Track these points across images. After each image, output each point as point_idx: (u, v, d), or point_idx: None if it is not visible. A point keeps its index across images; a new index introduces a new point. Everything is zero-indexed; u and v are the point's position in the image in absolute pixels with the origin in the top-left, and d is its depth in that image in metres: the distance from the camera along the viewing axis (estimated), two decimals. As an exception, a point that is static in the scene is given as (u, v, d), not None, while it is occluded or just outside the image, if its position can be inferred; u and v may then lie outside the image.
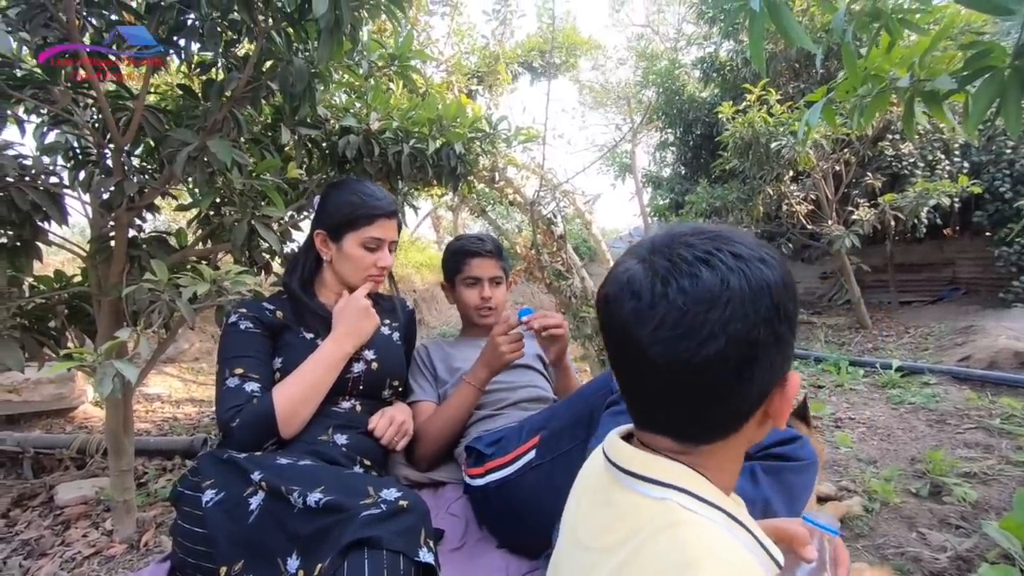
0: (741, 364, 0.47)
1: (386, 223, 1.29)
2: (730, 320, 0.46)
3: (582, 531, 0.55)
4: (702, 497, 0.49)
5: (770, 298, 0.47)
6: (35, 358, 1.67)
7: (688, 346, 0.46)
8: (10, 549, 1.72)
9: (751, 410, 0.50)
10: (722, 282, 0.47)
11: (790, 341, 0.50)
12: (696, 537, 0.45)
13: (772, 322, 0.47)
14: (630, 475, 0.51)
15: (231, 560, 0.83)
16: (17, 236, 1.64)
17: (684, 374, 0.47)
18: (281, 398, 1.06)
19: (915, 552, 1.43)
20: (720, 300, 0.46)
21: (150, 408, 3.45)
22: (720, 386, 0.48)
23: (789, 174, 4.67)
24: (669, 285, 0.48)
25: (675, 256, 0.49)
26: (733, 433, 0.51)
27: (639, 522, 0.48)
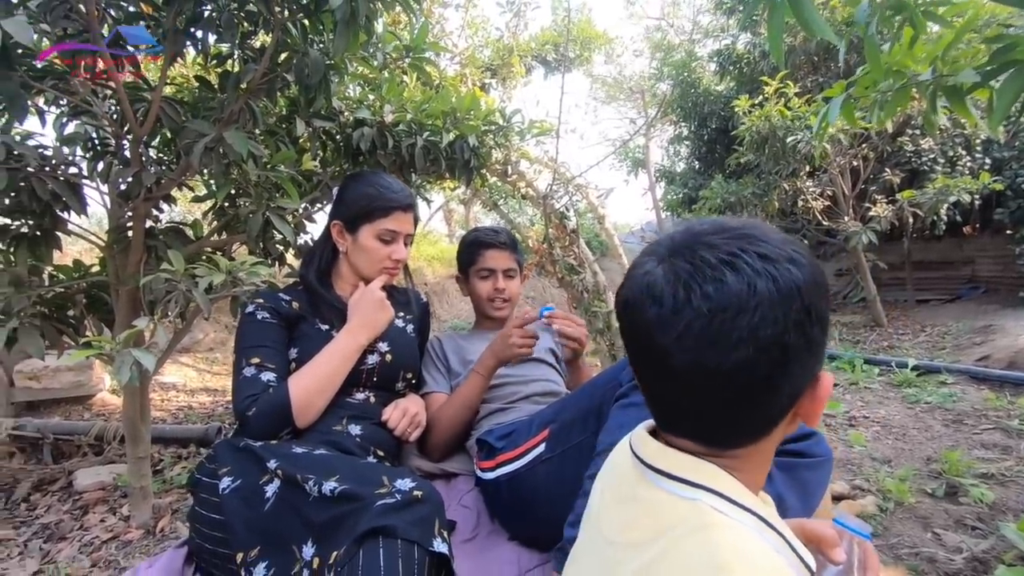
0: (771, 370, 0.45)
1: (402, 216, 1.30)
2: (759, 327, 0.44)
3: (605, 525, 0.54)
4: (732, 499, 0.47)
5: (800, 301, 0.45)
6: (55, 346, 1.70)
7: (715, 354, 0.45)
8: (31, 532, 1.76)
9: (782, 414, 0.49)
10: (749, 287, 0.44)
11: (822, 342, 0.48)
12: (727, 540, 0.44)
13: (803, 325, 0.45)
14: (659, 473, 0.50)
15: (247, 546, 0.85)
16: (38, 225, 1.67)
17: (711, 382, 0.46)
18: (297, 388, 1.07)
19: (930, 552, 1.41)
20: (748, 306, 0.44)
21: (165, 397, 3.50)
22: (749, 393, 0.46)
23: (806, 169, 4.61)
24: (692, 291, 0.46)
25: (697, 258, 0.47)
26: (763, 437, 0.50)
27: (668, 521, 0.47)
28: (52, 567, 1.53)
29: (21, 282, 1.58)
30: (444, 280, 7.14)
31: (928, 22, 1.34)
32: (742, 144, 4.58)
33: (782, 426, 0.50)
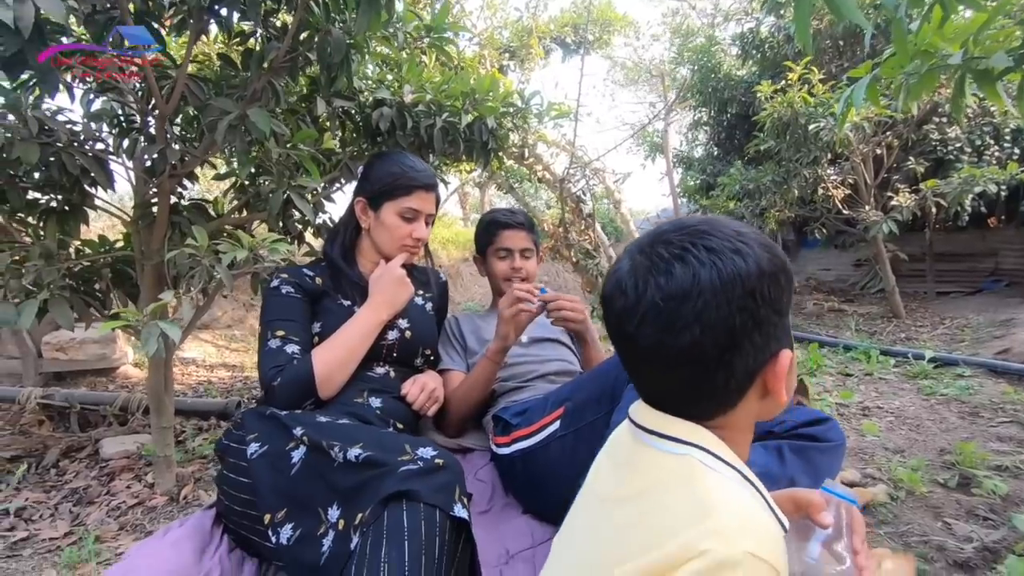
0: (720, 350, 0.51)
1: (424, 195, 1.31)
2: (703, 311, 0.50)
3: (599, 486, 0.59)
4: (719, 455, 0.52)
5: (742, 287, 0.50)
6: (82, 318, 1.75)
7: (669, 337, 0.51)
8: (60, 496, 1.83)
9: (742, 387, 0.53)
10: (694, 276, 0.50)
11: (776, 322, 0.53)
12: (712, 487, 0.49)
13: (749, 309, 0.50)
14: (653, 434, 0.55)
15: (274, 508, 0.88)
16: (66, 200, 1.71)
17: (671, 361, 0.52)
18: (319, 361, 1.10)
19: (940, 541, 1.42)
20: (692, 293, 0.50)
21: (186, 371, 3.58)
22: (705, 370, 0.52)
23: (827, 157, 4.52)
24: (648, 283, 0.52)
25: (654, 254, 0.53)
26: (731, 408, 0.54)
27: (659, 475, 0.52)
28: (82, 529, 1.59)
29: (51, 255, 1.62)
30: (458, 263, 7.16)
31: (959, 5, 1.31)
32: (762, 130, 4.51)
33: (751, 399, 0.55)
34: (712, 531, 0.44)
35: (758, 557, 0.44)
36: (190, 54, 1.56)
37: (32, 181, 1.62)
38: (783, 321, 0.54)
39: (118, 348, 3.04)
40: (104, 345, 2.94)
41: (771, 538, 0.47)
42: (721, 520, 0.45)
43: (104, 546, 1.49)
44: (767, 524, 0.49)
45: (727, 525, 0.45)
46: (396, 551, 0.72)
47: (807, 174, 4.57)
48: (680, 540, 0.45)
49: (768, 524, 0.49)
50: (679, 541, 0.45)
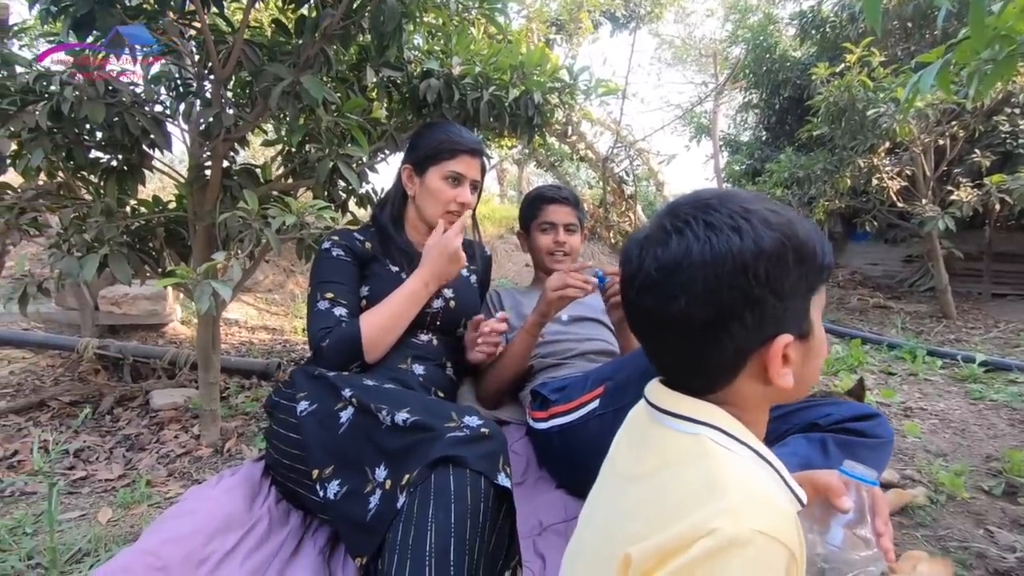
0: (707, 325, 0.52)
1: (469, 160, 1.32)
2: (688, 283, 0.51)
3: (619, 464, 0.60)
4: (732, 434, 0.53)
5: (732, 264, 0.50)
6: (138, 274, 1.83)
7: (659, 304, 0.53)
8: (115, 441, 1.94)
9: (735, 365, 0.54)
10: (686, 250, 0.52)
11: (775, 304, 0.52)
12: (724, 466, 0.49)
13: (740, 287, 0.50)
14: (667, 414, 0.56)
15: (322, 465, 0.92)
16: (126, 160, 1.77)
17: (662, 329, 0.55)
18: (367, 326, 1.13)
19: (980, 548, 1.38)
20: (681, 266, 0.52)
21: (229, 331, 3.71)
22: (694, 342, 0.53)
23: (884, 146, 4.31)
24: (647, 252, 0.55)
25: (659, 226, 0.55)
26: (727, 385, 0.55)
27: (672, 454, 0.53)
28: (134, 473, 1.69)
29: (111, 212, 1.69)
30: (494, 239, 7.17)
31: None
32: (816, 115, 4.32)
33: (750, 379, 0.54)
34: (722, 510, 0.44)
35: (768, 536, 0.43)
36: (247, 19, 1.58)
37: (96, 140, 1.69)
38: (786, 304, 0.52)
39: (167, 305, 3.17)
40: (155, 302, 3.07)
41: (783, 517, 0.47)
42: (731, 499, 0.45)
43: (154, 490, 1.58)
44: (779, 502, 0.48)
45: (737, 504, 0.45)
46: (443, 512, 0.74)
47: (861, 163, 4.37)
48: (691, 519, 0.45)
49: (780, 502, 0.49)
50: (690, 520, 0.45)
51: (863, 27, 5.14)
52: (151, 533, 0.83)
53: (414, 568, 0.70)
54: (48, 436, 1.91)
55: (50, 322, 3.02)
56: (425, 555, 0.71)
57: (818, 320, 0.56)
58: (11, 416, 2.07)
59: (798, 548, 0.46)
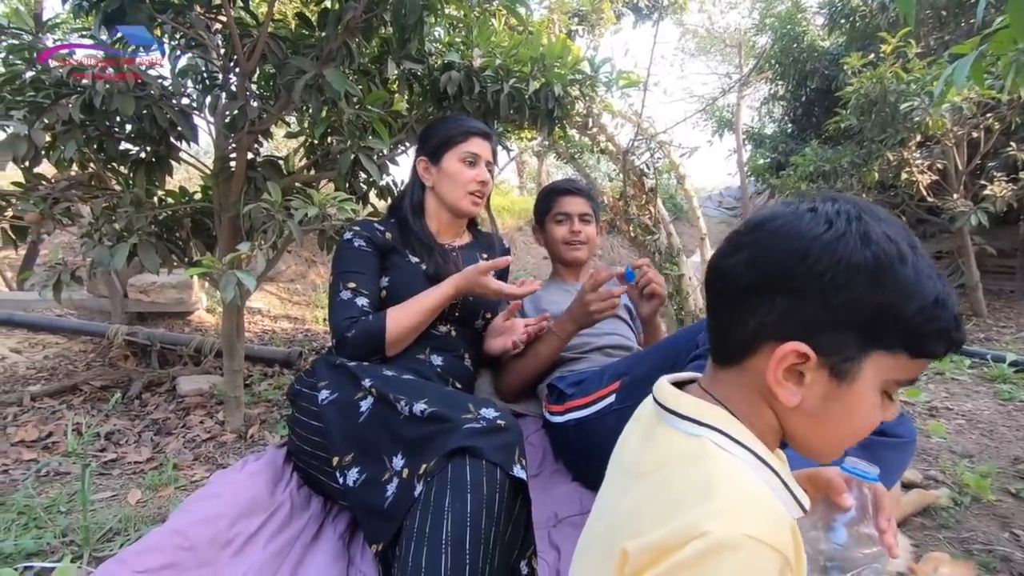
0: (745, 287, 0.51)
1: (481, 142, 1.36)
2: (755, 241, 0.51)
3: (627, 460, 0.60)
4: (734, 437, 0.52)
5: (799, 243, 0.48)
6: (165, 263, 1.88)
7: (725, 251, 0.54)
8: (143, 425, 2.00)
9: (746, 344, 0.52)
10: (780, 215, 0.51)
11: (814, 306, 0.48)
12: (721, 468, 0.49)
13: (790, 267, 0.48)
14: (673, 414, 0.55)
15: (343, 452, 0.94)
16: (155, 152, 1.82)
17: (715, 278, 0.55)
18: (393, 321, 1.15)
19: (1006, 552, 1.35)
20: (763, 224, 0.51)
21: (252, 320, 3.79)
22: (727, 299, 0.53)
23: (915, 139, 4.18)
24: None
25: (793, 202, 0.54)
26: (735, 363, 0.54)
27: (673, 454, 0.53)
28: (162, 456, 1.75)
29: (140, 203, 1.74)
30: (513, 232, 7.17)
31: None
32: (844, 107, 4.21)
33: (751, 368, 0.52)
34: (714, 512, 0.44)
35: (759, 540, 0.43)
36: (272, 12, 1.60)
37: (126, 133, 1.73)
38: (828, 318, 0.48)
39: (193, 294, 3.25)
40: (181, 290, 3.15)
41: (777, 521, 0.46)
42: (724, 501, 0.45)
43: (181, 473, 1.63)
44: (773, 506, 0.48)
45: (729, 506, 0.45)
46: (459, 502, 0.76)
47: (891, 156, 4.25)
48: (685, 519, 0.45)
49: (774, 506, 0.48)
50: (684, 520, 0.45)
51: (894, 16, 4.99)
52: (179, 514, 0.86)
53: (430, 556, 0.72)
54: (80, 419, 1.98)
55: (82, 309, 3.11)
56: (441, 543, 0.72)
57: (874, 383, 0.50)
58: (46, 399, 2.15)
59: (793, 553, 0.45)
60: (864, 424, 0.52)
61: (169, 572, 0.74)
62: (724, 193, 10.93)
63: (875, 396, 0.51)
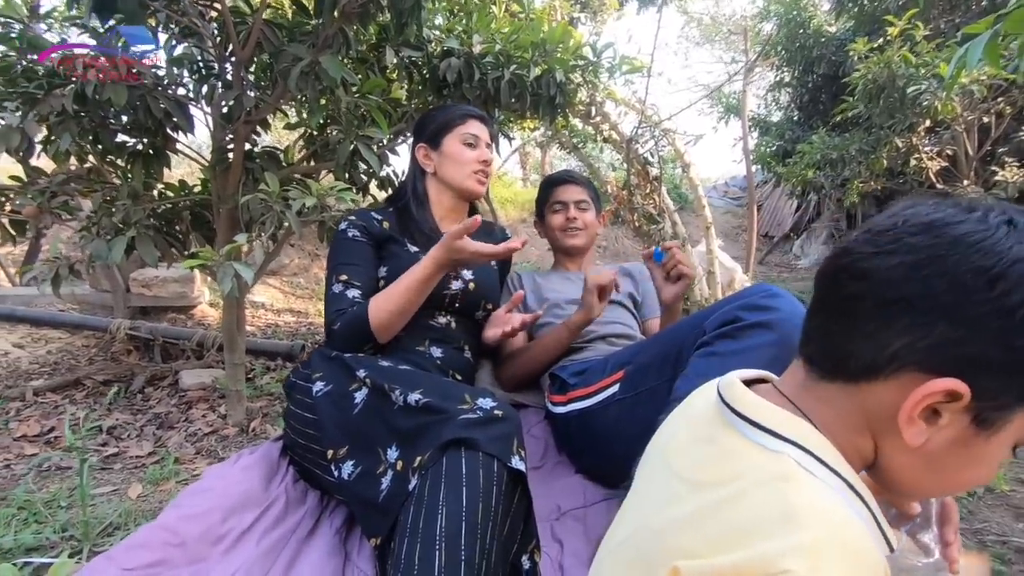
0: (901, 301, 0.41)
1: (479, 125, 1.35)
2: (920, 247, 0.41)
3: (676, 460, 0.52)
4: (821, 459, 0.44)
5: (985, 263, 0.39)
6: (165, 257, 1.86)
7: (868, 250, 0.44)
8: (145, 419, 1.99)
9: (879, 364, 0.43)
10: (955, 222, 0.41)
11: (984, 343, 0.39)
12: (804, 494, 0.41)
13: (967, 290, 0.39)
14: (746, 421, 0.47)
15: (337, 445, 0.92)
16: (151, 143, 1.79)
17: (846, 277, 0.45)
18: (375, 309, 1.11)
19: (1020, 543, 1.32)
20: (932, 227, 0.41)
21: (255, 314, 3.78)
22: (854, 308, 0.44)
23: (924, 124, 4.11)
24: (918, 207, 0.45)
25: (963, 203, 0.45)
26: (849, 380, 0.45)
27: (745, 467, 0.45)
28: (163, 450, 1.74)
29: (137, 196, 1.72)
30: (516, 223, 7.14)
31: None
32: (852, 93, 4.14)
33: (873, 395, 0.44)
34: (797, 547, 0.37)
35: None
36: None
37: (121, 124, 1.71)
38: (995, 359, 0.39)
39: (195, 288, 3.24)
40: (183, 284, 3.14)
41: (869, 565, 0.39)
42: (809, 536, 0.38)
43: (182, 467, 1.62)
44: (864, 544, 0.40)
45: (816, 543, 0.37)
46: (454, 495, 0.73)
47: (899, 143, 4.18)
48: (759, 549, 0.38)
49: (866, 546, 0.40)
50: (758, 550, 0.38)
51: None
52: (170, 510, 0.85)
53: (424, 551, 0.69)
54: (82, 414, 1.97)
55: (84, 303, 3.11)
56: (435, 538, 0.70)
57: (1014, 437, 0.43)
58: (48, 394, 2.15)
59: None
60: (982, 479, 0.46)
61: (159, 569, 0.72)
62: (729, 183, 10.84)
63: (1006, 452, 0.44)
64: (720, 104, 7.70)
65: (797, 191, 6.08)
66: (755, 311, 0.88)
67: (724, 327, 0.90)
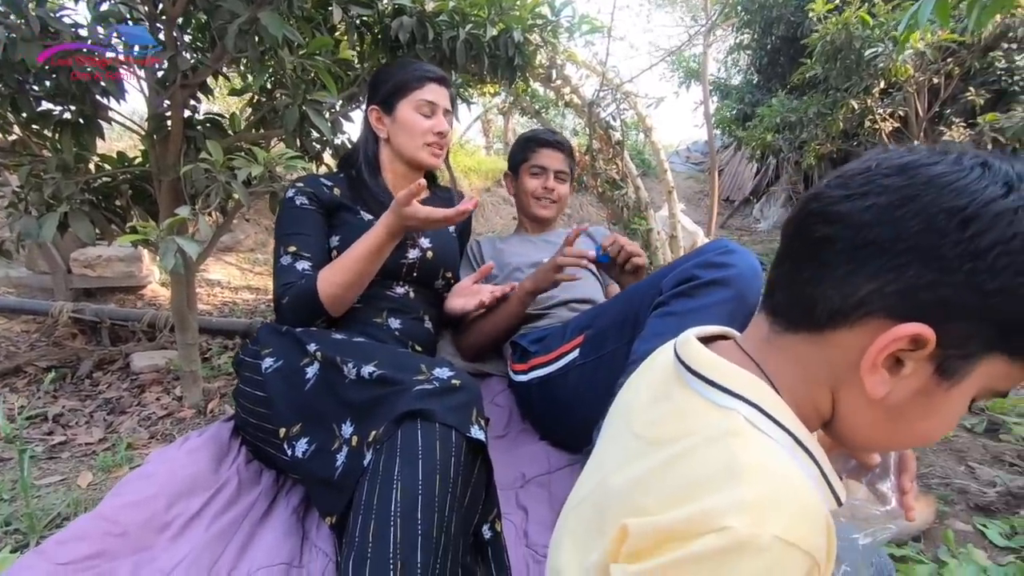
0: (872, 243, 0.40)
1: (437, 88, 1.26)
2: (894, 188, 0.39)
3: (635, 419, 0.52)
4: (771, 415, 0.43)
5: (962, 204, 0.37)
6: (104, 234, 1.75)
7: (839, 194, 0.42)
8: (95, 405, 1.91)
9: (847, 310, 0.41)
10: (930, 163, 0.40)
11: (956, 286, 0.38)
12: (749, 449, 0.41)
13: (943, 237, 0.37)
14: (699, 377, 0.47)
15: (289, 423, 0.89)
16: (80, 112, 1.66)
17: (817, 221, 0.43)
18: (324, 282, 1.05)
19: (962, 484, 1.40)
20: (906, 169, 0.40)
21: (211, 292, 3.65)
22: (837, 251, 0.41)
23: (879, 86, 4.19)
24: (891, 154, 0.44)
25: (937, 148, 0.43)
26: (813, 330, 0.44)
27: (696, 424, 0.45)
28: (115, 436, 1.67)
29: (68, 168, 1.60)
30: (480, 192, 7.04)
31: None
32: (810, 56, 4.17)
33: (832, 344, 0.43)
34: (738, 503, 0.37)
35: (790, 543, 0.36)
36: (196, -51, 1.45)
37: (44, 89, 1.57)
38: (965, 301, 0.38)
39: (144, 267, 3.09)
40: (130, 263, 2.98)
41: (812, 519, 0.39)
42: (751, 491, 0.37)
43: (136, 452, 1.55)
44: (810, 500, 0.40)
45: (758, 499, 0.37)
46: (409, 469, 0.71)
47: (855, 104, 4.26)
48: (701, 504, 0.38)
49: (811, 500, 0.40)
50: (699, 506, 0.38)
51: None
52: (110, 498, 0.80)
53: (378, 529, 0.67)
54: (25, 402, 1.87)
55: (22, 287, 2.93)
56: (390, 515, 0.68)
57: (974, 387, 0.41)
58: (-14, 383, 2.03)
59: (824, 555, 0.38)
60: (939, 431, 0.45)
61: (97, 561, 0.68)
62: (691, 148, 10.92)
63: (966, 402, 0.43)
64: (681, 68, 7.67)
65: (757, 155, 6.15)
66: (711, 268, 0.88)
67: (681, 286, 0.89)
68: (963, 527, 1.24)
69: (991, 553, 1.14)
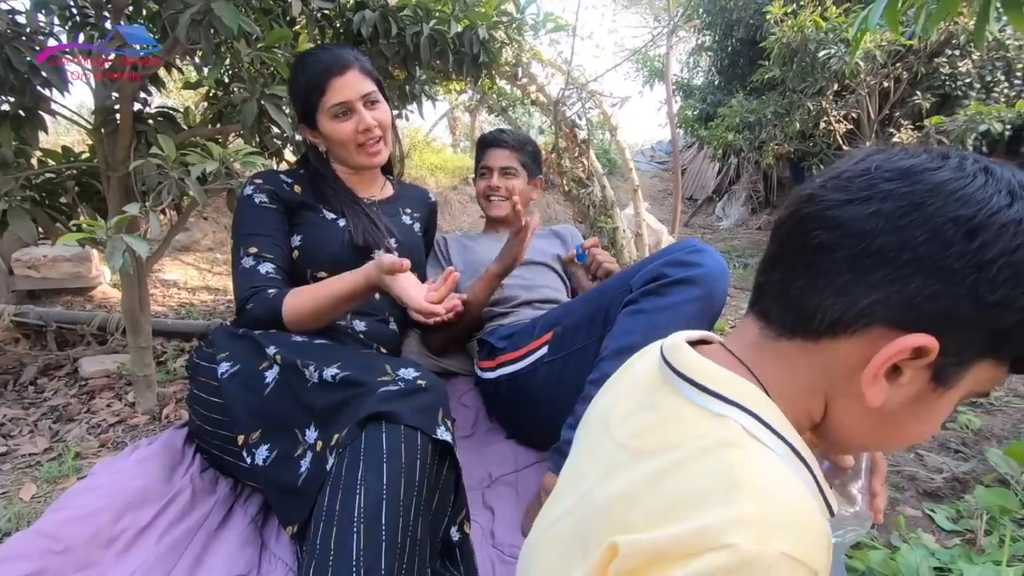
0: (875, 252, 0.38)
1: (339, 80, 1.13)
2: (898, 194, 0.38)
3: (617, 427, 0.50)
4: (768, 423, 0.42)
5: (970, 214, 0.36)
6: (48, 233, 1.66)
7: (838, 199, 0.40)
8: (40, 413, 1.81)
9: (847, 320, 0.40)
10: (934, 168, 0.39)
11: (960, 297, 0.37)
12: (748, 461, 0.39)
13: (949, 247, 0.36)
14: (690, 383, 0.45)
15: (248, 429, 0.85)
16: (19, 104, 1.57)
17: (814, 225, 0.41)
18: (290, 310, 1.01)
19: (911, 471, 1.45)
20: (910, 174, 0.39)
21: (167, 293, 3.51)
22: (837, 259, 0.40)
23: (833, 88, 4.34)
24: (888, 155, 0.43)
25: (934, 150, 0.42)
26: (809, 338, 0.43)
27: (689, 433, 0.43)
28: (62, 445, 1.58)
29: (6, 163, 1.51)
30: (446, 191, 6.98)
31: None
32: (768, 58, 4.29)
33: (828, 352, 0.42)
34: (740, 519, 0.35)
35: (795, 560, 0.34)
36: (144, -65, 1.38)
37: (-22, 80, 1.48)
38: (966, 311, 0.37)
39: (93, 267, 2.95)
40: (78, 263, 2.84)
41: (816, 533, 0.37)
42: (754, 506, 0.36)
43: (84, 462, 1.48)
44: (812, 515, 0.38)
45: (761, 515, 0.35)
46: (373, 473, 0.69)
47: (811, 106, 4.41)
48: (700, 521, 0.36)
49: (814, 516, 0.38)
50: (699, 522, 0.36)
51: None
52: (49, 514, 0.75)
53: (341, 536, 0.65)
54: (-39, 411, 1.76)
55: (-41, 290, 2.76)
56: (353, 521, 0.66)
57: (964, 391, 0.42)
58: (-82, 392, 1.90)
59: (824, 569, 0.37)
60: (928, 433, 0.44)
61: (38, 580, 0.65)
62: (656, 147, 11.08)
63: (954, 405, 0.43)
64: (645, 68, 7.78)
65: (719, 154, 6.29)
66: (680, 267, 0.89)
67: (650, 284, 0.90)
68: (913, 512, 1.29)
69: (939, 537, 1.19)
